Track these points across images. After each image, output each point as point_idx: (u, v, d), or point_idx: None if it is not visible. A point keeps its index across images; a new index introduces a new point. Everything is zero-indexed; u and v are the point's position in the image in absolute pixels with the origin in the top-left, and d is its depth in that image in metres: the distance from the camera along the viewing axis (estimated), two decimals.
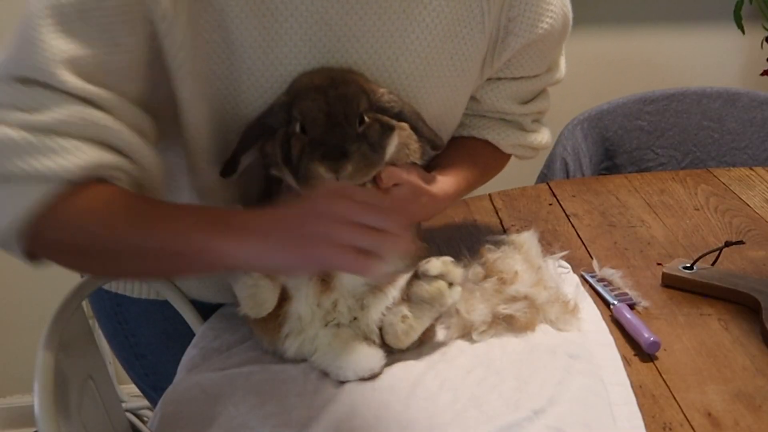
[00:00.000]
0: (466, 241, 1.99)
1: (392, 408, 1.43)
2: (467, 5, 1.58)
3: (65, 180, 1.26)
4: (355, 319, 1.56)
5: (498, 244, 1.80)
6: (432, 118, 1.61)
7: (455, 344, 1.60)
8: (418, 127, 1.57)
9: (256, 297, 1.48)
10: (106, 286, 1.79)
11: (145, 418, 3.26)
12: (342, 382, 1.50)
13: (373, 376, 1.51)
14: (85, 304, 1.67)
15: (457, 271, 1.50)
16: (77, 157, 1.27)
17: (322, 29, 1.48)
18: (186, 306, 1.78)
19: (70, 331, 1.52)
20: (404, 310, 1.51)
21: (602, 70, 3.29)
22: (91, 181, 1.29)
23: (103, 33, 1.31)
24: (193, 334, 1.74)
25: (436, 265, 1.49)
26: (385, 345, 1.55)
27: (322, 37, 1.49)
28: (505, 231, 2.08)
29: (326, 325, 1.55)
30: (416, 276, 1.50)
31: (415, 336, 1.53)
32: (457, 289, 1.51)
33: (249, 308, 1.50)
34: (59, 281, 1.52)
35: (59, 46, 1.28)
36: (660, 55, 3.34)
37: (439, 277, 1.49)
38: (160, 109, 1.44)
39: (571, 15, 1.72)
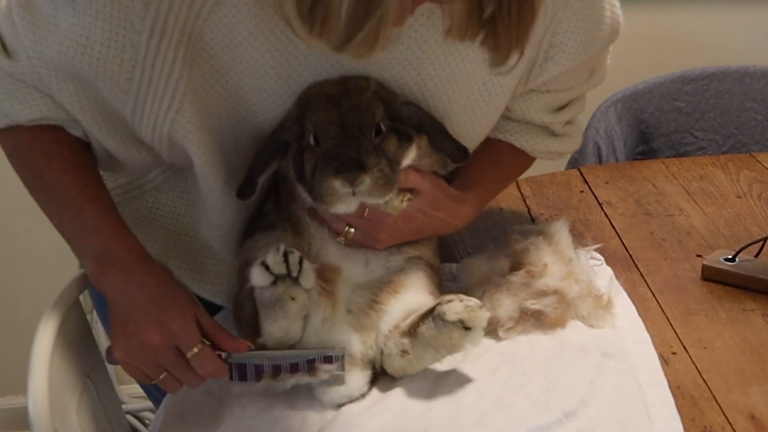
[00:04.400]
0: (491, 230, 1.99)
1: (412, 411, 1.43)
2: None
3: (16, 123, 1.51)
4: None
5: (526, 234, 1.79)
6: (455, 137, 1.59)
7: (480, 342, 1.60)
8: (438, 140, 1.55)
9: (287, 334, 1.49)
10: None
11: (147, 421, 3.26)
12: None
13: (351, 401, 1.49)
14: (83, 298, 1.67)
15: (480, 317, 1.43)
16: (30, 108, 1.49)
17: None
18: None
19: (67, 327, 1.53)
20: (406, 344, 1.48)
21: (637, 47, 3.27)
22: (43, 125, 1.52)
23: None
24: None
25: (455, 308, 1.42)
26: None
27: (341, 58, 1.48)
28: (533, 220, 2.08)
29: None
30: (431, 313, 1.45)
31: (413, 372, 1.51)
32: (478, 334, 1.44)
33: (273, 344, 1.49)
34: (55, 274, 1.53)
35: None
36: (700, 30, 3.32)
37: (457, 323, 1.42)
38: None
39: (620, 17, 1.70)
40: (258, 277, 1.43)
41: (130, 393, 3.23)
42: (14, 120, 1.50)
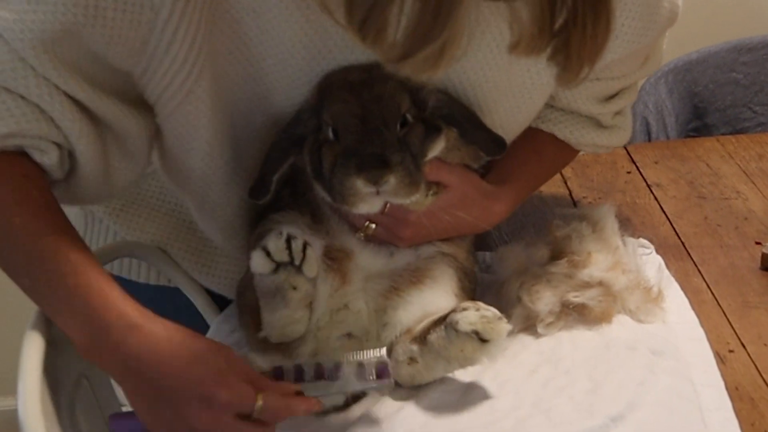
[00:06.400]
0: (529, 216, 1.99)
1: (442, 415, 1.43)
2: None
3: None
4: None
5: (567, 219, 1.79)
6: (492, 127, 1.58)
7: (517, 339, 1.60)
8: (470, 131, 1.54)
9: (289, 331, 1.48)
10: (106, 267, 1.80)
11: None
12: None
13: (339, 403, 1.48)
14: None
15: (498, 329, 1.40)
16: (3, 119, 1.35)
17: None
18: (199, 294, 1.79)
19: None
20: (415, 351, 1.47)
21: (691, 13, 3.24)
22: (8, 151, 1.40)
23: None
24: (207, 327, 1.74)
25: (470, 318, 1.40)
26: None
27: None
28: (575, 204, 2.08)
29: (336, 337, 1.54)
30: (443, 320, 1.43)
31: (422, 382, 1.50)
32: (496, 348, 1.41)
33: (276, 338, 1.49)
34: None
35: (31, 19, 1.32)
36: None
37: (471, 334, 1.40)
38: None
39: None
40: (258, 264, 1.42)
41: None
42: None
